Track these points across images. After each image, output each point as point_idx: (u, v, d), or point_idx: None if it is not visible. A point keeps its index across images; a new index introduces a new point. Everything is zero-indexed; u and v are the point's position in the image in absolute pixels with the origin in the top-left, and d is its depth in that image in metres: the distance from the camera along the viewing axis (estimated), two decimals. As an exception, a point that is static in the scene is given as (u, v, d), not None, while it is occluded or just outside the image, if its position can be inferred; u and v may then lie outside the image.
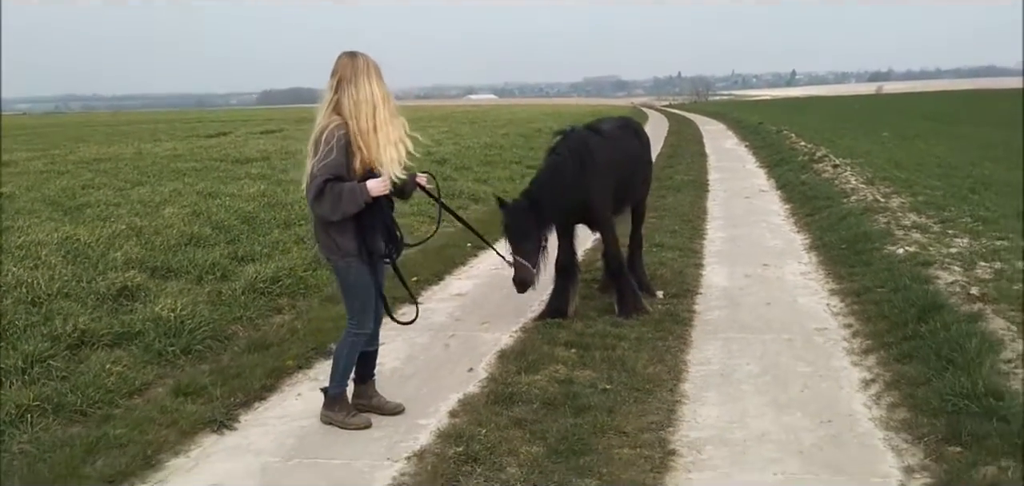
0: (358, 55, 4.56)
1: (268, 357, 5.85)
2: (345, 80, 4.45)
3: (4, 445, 4.46)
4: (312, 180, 4.44)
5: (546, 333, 6.21)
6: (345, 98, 4.44)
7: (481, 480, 3.94)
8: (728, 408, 4.85)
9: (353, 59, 4.53)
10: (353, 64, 4.50)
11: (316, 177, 4.42)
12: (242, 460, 4.34)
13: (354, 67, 4.49)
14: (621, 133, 7.45)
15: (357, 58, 4.54)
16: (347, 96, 4.44)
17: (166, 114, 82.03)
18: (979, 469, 3.79)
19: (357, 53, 4.58)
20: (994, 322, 5.67)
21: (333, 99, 4.48)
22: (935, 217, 9.94)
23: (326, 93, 4.52)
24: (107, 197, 12.07)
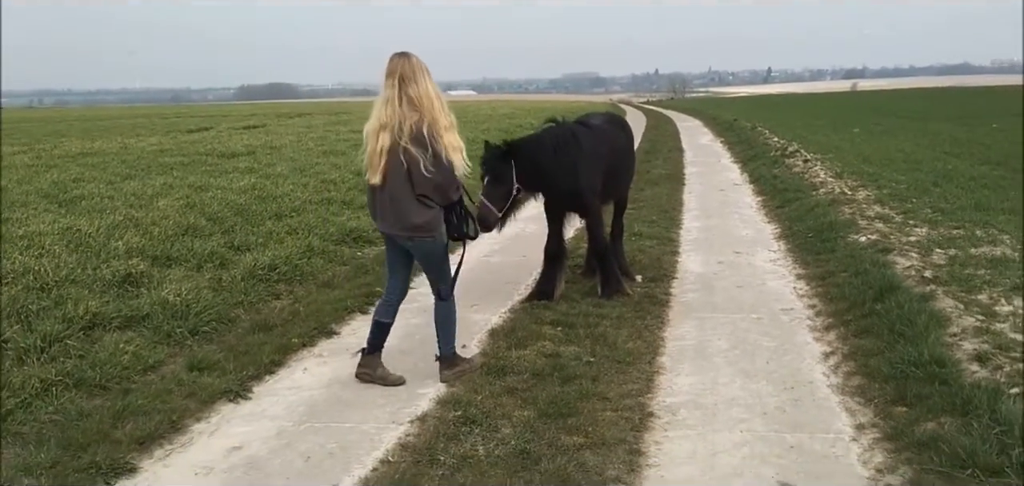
0: (411, 55, 5.06)
1: (273, 336, 6.25)
2: (406, 79, 4.94)
3: (33, 415, 4.83)
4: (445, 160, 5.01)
5: (533, 313, 6.65)
6: (417, 93, 4.97)
7: (479, 439, 4.37)
8: (701, 377, 5.32)
9: (408, 59, 5.05)
10: (410, 64, 5.01)
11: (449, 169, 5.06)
12: (258, 424, 4.76)
13: (412, 66, 5.00)
14: (609, 127, 7.91)
15: (412, 58, 5.04)
16: (420, 91, 4.97)
17: (143, 109, 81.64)
18: (921, 424, 4.28)
19: (409, 54, 5.07)
20: (943, 301, 6.17)
21: (399, 96, 4.95)
22: (898, 208, 10.47)
23: (384, 90, 5.01)
24: (100, 190, 12.36)
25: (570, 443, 4.28)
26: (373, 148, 5.06)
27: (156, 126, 34.93)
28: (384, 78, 5.07)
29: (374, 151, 5.06)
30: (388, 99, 5.00)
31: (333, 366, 5.73)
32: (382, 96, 5.05)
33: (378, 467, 4.13)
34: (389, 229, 5.27)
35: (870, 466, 4.04)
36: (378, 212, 5.31)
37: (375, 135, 5.06)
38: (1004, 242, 8.17)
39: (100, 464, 4.14)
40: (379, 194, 5.21)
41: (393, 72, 5.00)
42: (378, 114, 5.04)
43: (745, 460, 4.14)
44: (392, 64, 5.03)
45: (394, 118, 4.98)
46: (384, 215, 5.25)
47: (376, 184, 5.13)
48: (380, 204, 5.25)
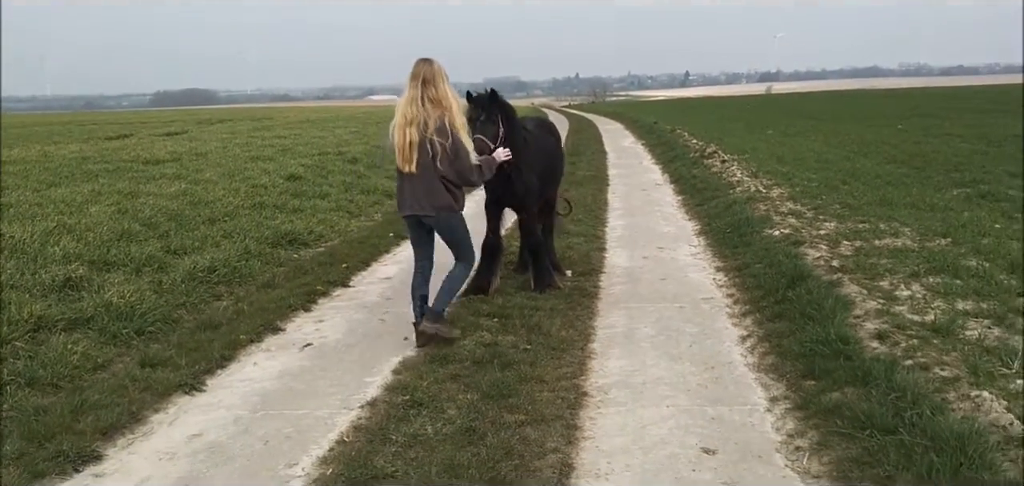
0: (434, 61, 5.93)
1: (220, 334, 6.45)
2: (428, 81, 5.81)
3: (-11, 412, 4.96)
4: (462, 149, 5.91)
5: (471, 307, 6.99)
6: (437, 94, 5.81)
7: (427, 420, 4.69)
8: (629, 361, 5.74)
9: (430, 64, 5.87)
10: (431, 68, 5.85)
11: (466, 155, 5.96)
12: (215, 413, 4.99)
13: (433, 71, 5.84)
14: (541, 131, 8.30)
15: (434, 63, 5.90)
16: (439, 93, 5.82)
17: (57, 116, 79.21)
18: (827, 394, 4.76)
19: (432, 60, 5.93)
20: (849, 287, 6.72)
21: (422, 96, 5.79)
22: (809, 205, 11.12)
23: (409, 90, 5.83)
24: (27, 197, 12.23)
25: (512, 420, 4.64)
26: (402, 142, 5.84)
27: (74, 133, 34.10)
28: (409, 79, 5.85)
29: (404, 145, 5.84)
30: (413, 98, 5.79)
31: (282, 360, 5.97)
32: (407, 96, 5.84)
33: (334, 447, 4.42)
34: (417, 211, 6.02)
35: (782, 432, 4.50)
36: (406, 199, 6.06)
37: (402, 130, 5.84)
38: (905, 234, 8.82)
39: (67, 453, 4.33)
40: (409, 182, 5.98)
41: (417, 75, 5.81)
42: (404, 112, 5.83)
43: (671, 431, 4.56)
44: (417, 68, 5.84)
45: (420, 115, 5.78)
46: (414, 199, 6.00)
47: (410, 172, 5.90)
48: (410, 191, 6.00)
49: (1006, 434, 3.99)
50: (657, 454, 4.28)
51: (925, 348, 5.25)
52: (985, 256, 7.63)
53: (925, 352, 5.17)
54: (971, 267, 7.22)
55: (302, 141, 23.62)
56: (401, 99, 5.92)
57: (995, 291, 6.49)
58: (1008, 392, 4.52)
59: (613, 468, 4.15)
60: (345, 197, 13.70)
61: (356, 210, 12.87)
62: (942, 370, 4.86)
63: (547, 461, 4.20)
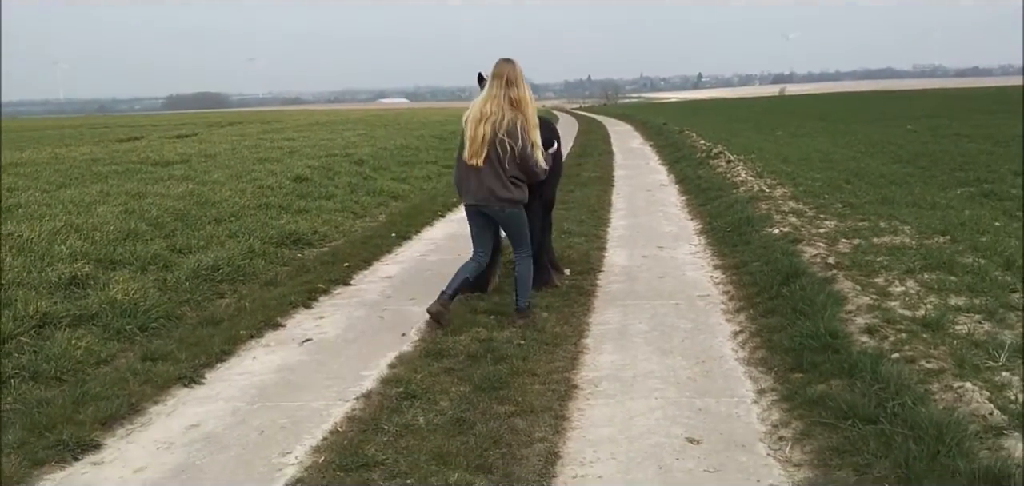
0: (516, 62, 6.27)
1: (221, 329, 6.56)
2: (511, 82, 6.17)
3: (-7, 405, 5.09)
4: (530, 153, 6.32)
5: (468, 304, 7.07)
6: (517, 95, 6.19)
7: (419, 411, 4.78)
8: (621, 355, 5.81)
9: (513, 65, 6.23)
10: (514, 70, 6.21)
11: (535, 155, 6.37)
12: (213, 405, 5.09)
13: (515, 72, 6.20)
14: (543, 130, 8.36)
15: (515, 65, 6.25)
16: (519, 94, 6.20)
17: (70, 120, 79.81)
18: (813, 387, 4.82)
19: (514, 61, 6.27)
20: (843, 284, 6.78)
21: (504, 95, 6.16)
22: (811, 204, 11.17)
23: (492, 88, 6.20)
24: (36, 198, 12.38)
25: (502, 411, 4.72)
26: (474, 134, 6.18)
27: (85, 136, 34.41)
28: (491, 77, 6.21)
29: (475, 138, 6.18)
30: (494, 96, 6.15)
31: (281, 354, 6.08)
32: (488, 92, 6.20)
33: (328, 437, 4.51)
34: (480, 202, 6.43)
35: (767, 422, 4.56)
36: (471, 188, 6.42)
37: (476, 124, 6.18)
38: (904, 232, 8.86)
39: (67, 442, 4.44)
40: (474, 173, 6.32)
41: (500, 74, 6.17)
42: (482, 107, 6.18)
43: (658, 421, 4.63)
44: (500, 68, 6.20)
45: (498, 113, 6.14)
46: (478, 190, 6.38)
47: (477, 165, 6.25)
48: (475, 182, 6.36)
49: (986, 423, 4.05)
50: (642, 443, 4.36)
51: (913, 342, 5.30)
52: (982, 253, 7.67)
53: (913, 346, 5.23)
54: (967, 264, 7.27)
55: (310, 143, 23.76)
56: (481, 95, 6.26)
57: (989, 287, 6.54)
58: (992, 383, 4.58)
59: (598, 456, 4.22)
60: (350, 198, 13.82)
61: (361, 211, 12.99)
62: (928, 363, 4.92)
63: (534, 449, 4.28)
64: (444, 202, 13.81)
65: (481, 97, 6.27)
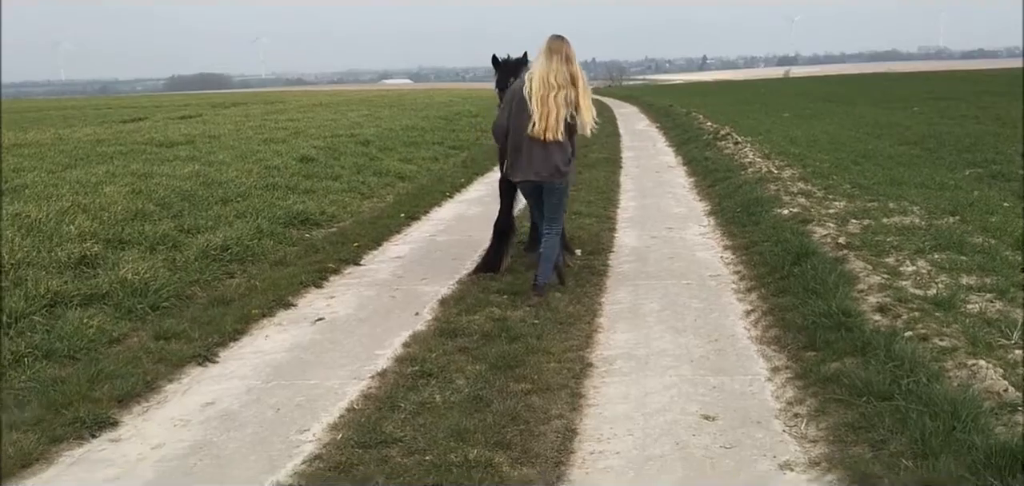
0: (568, 40, 6.42)
1: (233, 308, 6.57)
2: (569, 58, 6.35)
3: (8, 383, 5.10)
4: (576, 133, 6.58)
5: (481, 284, 7.08)
6: (574, 71, 6.39)
7: (435, 389, 4.79)
8: (635, 334, 5.83)
9: (568, 43, 6.41)
10: (570, 47, 6.39)
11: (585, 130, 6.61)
12: (228, 383, 5.12)
13: (571, 50, 6.39)
14: None
15: (569, 42, 6.42)
16: (575, 69, 6.38)
17: (72, 101, 79.68)
18: (827, 364, 4.83)
19: (566, 38, 6.42)
20: (854, 263, 6.77)
21: (566, 70, 6.32)
22: (819, 185, 11.15)
23: (553, 63, 6.30)
24: (42, 178, 12.36)
25: (518, 389, 4.74)
26: (547, 110, 6.29)
27: (88, 117, 34.32)
28: (548, 52, 6.32)
29: (549, 113, 6.29)
30: (557, 70, 6.27)
31: (293, 333, 6.09)
32: (549, 65, 6.29)
33: (344, 414, 4.53)
34: (544, 177, 6.52)
35: (781, 400, 4.58)
36: (536, 163, 6.49)
37: (545, 101, 6.29)
38: (913, 212, 8.86)
39: (84, 419, 4.46)
40: (541, 148, 6.42)
41: (560, 51, 6.32)
42: (549, 82, 6.28)
43: (673, 399, 4.65)
44: (557, 44, 6.35)
45: (566, 88, 6.31)
46: (544, 165, 6.48)
47: (546, 140, 6.38)
48: (541, 156, 6.45)
49: (1001, 400, 4.06)
50: (658, 420, 4.37)
51: (926, 320, 5.30)
52: (991, 233, 7.67)
53: (926, 324, 5.23)
54: (977, 244, 7.27)
55: (315, 124, 23.71)
56: (539, 71, 6.32)
57: (999, 267, 6.54)
58: (1006, 361, 4.59)
59: (615, 433, 4.24)
60: (357, 179, 13.81)
61: (368, 191, 12.98)
62: (941, 341, 4.92)
63: (551, 426, 4.30)
64: (452, 183, 13.81)
65: (542, 73, 6.32)
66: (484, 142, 21.93)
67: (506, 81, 6.89)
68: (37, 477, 3.96)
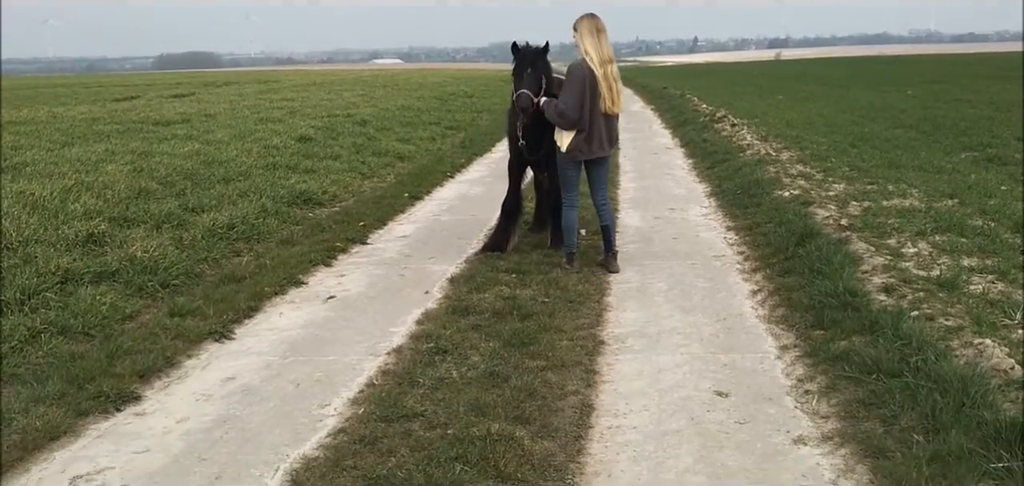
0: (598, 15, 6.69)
1: (245, 286, 6.64)
2: (604, 32, 6.62)
3: (26, 359, 5.16)
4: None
5: (489, 263, 7.17)
6: (608, 44, 6.64)
7: (452, 365, 4.87)
8: (644, 313, 5.92)
9: (600, 18, 6.65)
10: (602, 22, 6.64)
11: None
12: (246, 359, 5.19)
13: (603, 24, 6.64)
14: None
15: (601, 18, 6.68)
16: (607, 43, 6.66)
17: (61, 79, 79.21)
18: (836, 343, 4.93)
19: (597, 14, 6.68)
20: (857, 245, 6.88)
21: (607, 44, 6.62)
22: (818, 167, 11.25)
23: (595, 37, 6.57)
24: (42, 157, 12.35)
25: (533, 365, 4.83)
26: (610, 86, 6.56)
27: (80, 95, 34.17)
28: (595, 31, 6.56)
29: (612, 89, 6.58)
30: (605, 47, 6.56)
31: (307, 311, 6.17)
32: (595, 40, 6.55)
33: (364, 389, 4.62)
34: (604, 150, 6.78)
35: (792, 377, 4.68)
36: (604, 139, 6.73)
37: (607, 78, 6.55)
38: (913, 195, 8.96)
39: (107, 393, 4.53)
40: (607, 122, 6.70)
41: (603, 28, 6.59)
42: (600, 54, 6.55)
43: (685, 375, 4.75)
44: (600, 22, 6.61)
45: (613, 61, 6.61)
46: (610, 138, 6.80)
47: (612, 113, 6.72)
48: (607, 131, 6.72)
49: (1007, 377, 4.17)
50: (673, 396, 4.47)
51: (930, 300, 5.41)
52: (991, 216, 7.78)
53: (930, 304, 5.34)
54: (977, 226, 7.37)
55: (310, 103, 23.69)
56: (593, 50, 6.54)
57: (1000, 249, 6.65)
58: (1010, 341, 4.69)
59: (631, 408, 4.34)
60: (357, 158, 13.85)
61: (368, 171, 13.03)
62: (946, 321, 5.03)
63: (568, 401, 4.40)
64: (452, 163, 13.87)
65: (594, 52, 6.54)
66: (481, 123, 21.97)
67: (524, 69, 6.90)
68: (67, 449, 4.03)
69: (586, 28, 6.57)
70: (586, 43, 6.57)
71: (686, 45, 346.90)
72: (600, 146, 6.72)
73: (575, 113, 6.55)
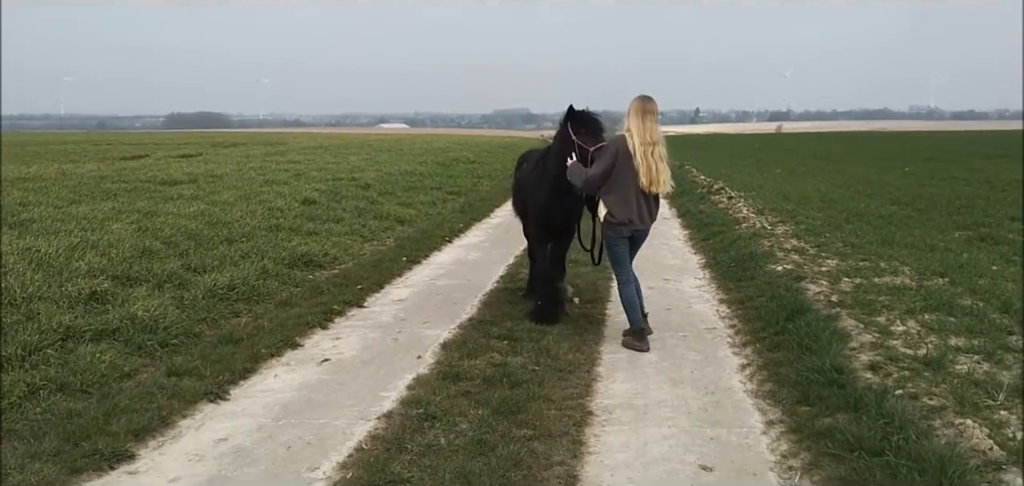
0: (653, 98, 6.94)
1: (242, 347, 6.74)
2: (655, 114, 6.88)
3: (24, 414, 5.25)
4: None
5: (481, 328, 7.27)
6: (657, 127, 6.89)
7: (440, 431, 4.96)
8: (633, 384, 6.00)
9: (655, 102, 6.90)
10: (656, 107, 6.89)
11: None
12: (240, 420, 5.27)
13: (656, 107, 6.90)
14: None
15: (654, 101, 6.92)
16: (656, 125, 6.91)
17: (72, 135, 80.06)
18: (820, 419, 5.01)
19: (651, 97, 6.93)
20: (846, 321, 6.98)
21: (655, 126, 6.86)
22: (812, 242, 11.38)
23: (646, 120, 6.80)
24: (49, 214, 12.53)
25: (521, 435, 4.91)
26: (653, 164, 6.76)
27: (89, 153, 34.60)
28: (643, 113, 6.79)
29: (655, 168, 6.77)
30: (651, 128, 6.78)
31: (301, 373, 6.26)
32: (645, 122, 6.78)
33: (353, 454, 4.69)
34: (643, 223, 7.00)
35: (777, 452, 4.75)
36: (644, 214, 6.97)
37: (649, 157, 6.75)
38: (904, 272, 9.07)
39: (102, 452, 4.62)
40: (646, 199, 6.92)
41: (653, 111, 6.84)
42: (646, 137, 6.75)
43: (671, 448, 4.82)
44: (651, 105, 6.85)
45: (659, 143, 6.81)
46: (651, 214, 7.05)
47: (654, 192, 6.92)
48: (647, 207, 6.97)
49: (986, 458, 4.25)
50: (657, 469, 4.54)
51: (916, 379, 5.51)
52: (980, 296, 7.87)
53: (915, 383, 5.43)
54: (966, 306, 7.47)
55: (316, 166, 24.00)
56: (636, 129, 6.75)
57: (987, 329, 6.74)
58: (991, 421, 4.77)
59: (615, 480, 4.41)
60: (358, 222, 14.02)
61: (369, 234, 13.19)
62: (930, 400, 5.12)
63: (554, 472, 4.47)
64: (450, 228, 14.02)
65: (637, 131, 6.74)
66: (481, 189, 22.20)
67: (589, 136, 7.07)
68: (59, 506, 4.10)
69: (635, 108, 6.82)
70: (630, 121, 6.80)
71: (688, 115, 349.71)
72: (641, 219, 6.94)
73: (596, 181, 6.84)
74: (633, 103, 6.88)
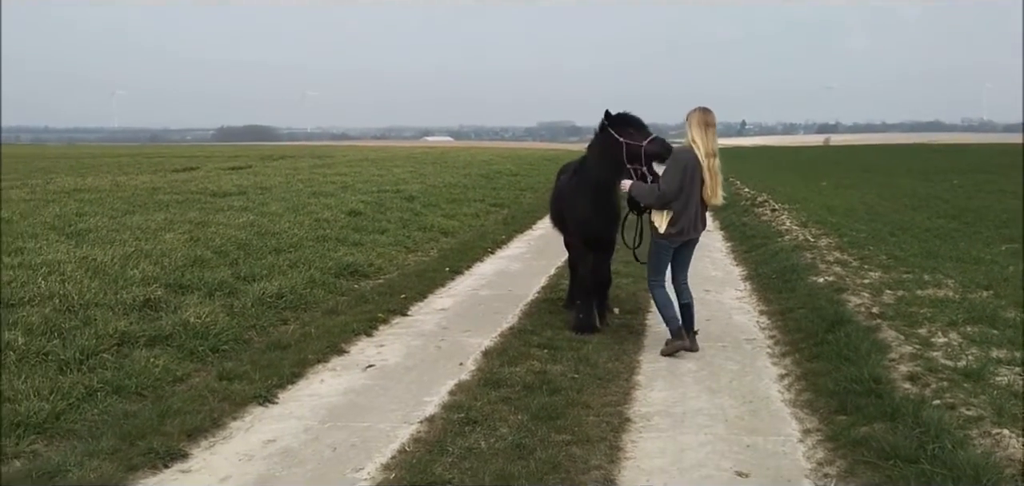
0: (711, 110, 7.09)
1: (290, 353, 6.94)
2: (714, 126, 7.01)
3: (82, 415, 5.49)
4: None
5: (522, 337, 7.40)
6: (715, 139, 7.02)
7: (481, 436, 5.09)
8: (672, 392, 6.08)
9: (712, 113, 7.05)
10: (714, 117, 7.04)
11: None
12: (287, 423, 5.46)
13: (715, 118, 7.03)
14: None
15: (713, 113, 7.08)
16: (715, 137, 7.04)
17: (124, 148, 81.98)
18: (857, 428, 5.05)
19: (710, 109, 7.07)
20: (886, 332, 6.98)
21: (713, 139, 6.98)
22: (855, 255, 11.33)
23: (706, 131, 6.94)
24: (104, 224, 12.94)
25: (559, 440, 5.02)
26: (714, 177, 6.92)
27: (142, 165, 35.45)
28: (705, 125, 6.91)
29: (714, 179, 6.93)
30: (712, 140, 6.92)
31: (347, 378, 6.44)
32: (702, 132, 6.90)
33: (396, 456, 4.85)
34: (697, 232, 7.14)
35: (812, 460, 4.80)
36: (698, 223, 7.11)
37: (710, 169, 6.88)
38: (948, 285, 9.01)
39: (157, 450, 4.82)
40: (701, 209, 7.06)
41: (713, 122, 6.98)
42: (706, 146, 6.88)
43: (708, 455, 4.90)
44: (711, 117, 6.98)
45: (717, 155, 6.94)
46: (700, 224, 7.15)
47: (713, 202, 7.07)
48: (701, 216, 7.10)
49: (1021, 467, 4.26)
50: (694, 475, 4.62)
51: (954, 390, 5.51)
52: (1024, 308, 7.80)
53: (954, 394, 5.43)
54: (1009, 318, 7.42)
55: (361, 179, 24.36)
56: (701, 140, 6.87)
57: (1030, 341, 6.69)
58: (1029, 432, 4.77)
59: (652, 484, 4.49)
60: (403, 233, 14.25)
61: (413, 245, 13.39)
62: (968, 410, 5.12)
63: (591, 476, 4.57)
64: (493, 239, 14.18)
65: (701, 143, 6.86)
66: (524, 201, 22.34)
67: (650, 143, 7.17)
68: (117, 501, 4.30)
69: (696, 120, 6.91)
70: (694, 133, 6.90)
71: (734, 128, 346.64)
72: (694, 228, 7.06)
73: (674, 196, 6.88)
74: (694, 115, 6.97)
